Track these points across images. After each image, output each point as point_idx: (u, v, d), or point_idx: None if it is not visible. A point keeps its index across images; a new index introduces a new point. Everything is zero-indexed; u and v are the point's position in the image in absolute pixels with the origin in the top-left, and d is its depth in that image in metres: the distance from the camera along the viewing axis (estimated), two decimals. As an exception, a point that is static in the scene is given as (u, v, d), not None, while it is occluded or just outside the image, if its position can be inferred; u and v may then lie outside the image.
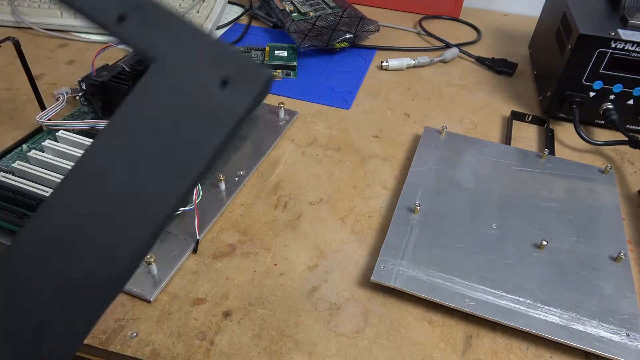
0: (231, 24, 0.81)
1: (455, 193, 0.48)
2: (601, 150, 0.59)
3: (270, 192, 0.50)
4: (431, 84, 0.70)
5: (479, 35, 0.82)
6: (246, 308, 0.39)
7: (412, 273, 0.40)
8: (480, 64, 0.75)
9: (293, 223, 0.47)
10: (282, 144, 0.57)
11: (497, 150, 0.54)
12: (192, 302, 0.39)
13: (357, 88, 0.68)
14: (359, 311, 0.39)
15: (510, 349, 0.37)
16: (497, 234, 0.44)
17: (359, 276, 0.42)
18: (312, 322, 0.39)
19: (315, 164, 0.54)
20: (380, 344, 0.37)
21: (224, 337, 0.37)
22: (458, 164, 0.52)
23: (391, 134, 0.59)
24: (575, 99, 0.59)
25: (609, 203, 0.48)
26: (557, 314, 0.38)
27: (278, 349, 0.37)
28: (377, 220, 0.48)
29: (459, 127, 0.61)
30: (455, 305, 0.38)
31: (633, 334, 0.37)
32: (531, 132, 0.61)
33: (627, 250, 0.43)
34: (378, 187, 0.51)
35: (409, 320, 0.39)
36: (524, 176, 0.51)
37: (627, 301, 0.39)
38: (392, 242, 0.43)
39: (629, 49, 0.54)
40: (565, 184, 0.50)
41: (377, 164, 0.55)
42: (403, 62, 0.72)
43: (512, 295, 0.39)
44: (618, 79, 0.57)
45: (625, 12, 0.59)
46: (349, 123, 0.61)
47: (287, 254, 0.44)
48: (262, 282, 0.41)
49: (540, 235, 0.44)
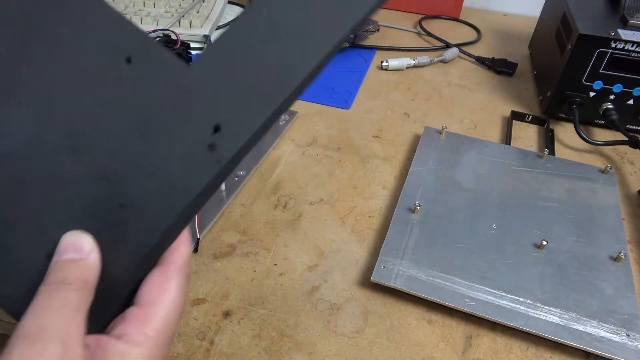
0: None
1: (455, 193, 0.48)
2: (601, 150, 0.59)
3: (270, 192, 0.50)
4: (431, 84, 0.70)
5: (479, 35, 0.83)
6: (246, 308, 0.39)
7: (412, 273, 0.40)
8: (480, 64, 0.75)
9: (293, 223, 0.47)
10: (282, 144, 0.57)
11: (497, 150, 0.54)
12: (192, 302, 0.39)
13: (357, 88, 0.68)
14: (359, 311, 0.39)
15: (510, 349, 0.37)
16: (497, 234, 0.44)
17: (359, 276, 0.42)
18: (312, 322, 0.39)
19: (315, 164, 0.54)
20: (380, 344, 0.37)
21: (224, 337, 0.37)
22: (458, 164, 0.52)
23: (391, 134, 0.59)
24: (575, 99, 0.59)
25: (609, 203, 0.48)
26: (557, 314, 0.38)
27: (278, 349, 0.37)
28: (377, 220, 0.48)
29: (459, 127, 0.61)
30: (455, 305, 0.38)
31: (633, 334, 0.37)
32: (531, 132, 0.61)
33: (627, 250, 0.43)
34: (378, 187, 0.51)
35: (409, 320, 0.39)
36: (524, 176, 0.51)
37: (627, 301, 0.39)
38: (392, 242, 0.43)
39: (629, 49, 0.54)
40: (565, 184, 0.50)
41: (377, 164, 0.55)
42: (403, 62, 0.72)
43: (512, 295, 0.39)
44: (618, 79, 0.57)
45: (625, 12, 0.59)
46: (349, 123, 0.61)
47: (287, 254, 0.44)
48: (262, 282, 0.41)
49: (540, 235, 0.44)
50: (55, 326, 0.19)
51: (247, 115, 0.22)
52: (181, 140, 0.22)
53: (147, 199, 0.22)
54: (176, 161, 0.22)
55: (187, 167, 0.22)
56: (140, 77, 0.24)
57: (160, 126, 0.23)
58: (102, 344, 0.20)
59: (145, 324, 0.21)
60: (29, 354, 0.18)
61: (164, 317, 0.21)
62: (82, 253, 0.21)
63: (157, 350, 0.21)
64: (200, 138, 0.22)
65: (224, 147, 0.22)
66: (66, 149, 0.23)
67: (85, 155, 0.23)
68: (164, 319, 0.21)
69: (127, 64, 0.24)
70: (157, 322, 0.21)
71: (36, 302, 0.20)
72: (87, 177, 0.23)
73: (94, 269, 0.21)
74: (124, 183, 0.23)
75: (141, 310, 0.21)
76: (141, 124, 0.23)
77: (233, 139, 0.22)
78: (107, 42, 0.24)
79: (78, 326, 0.20)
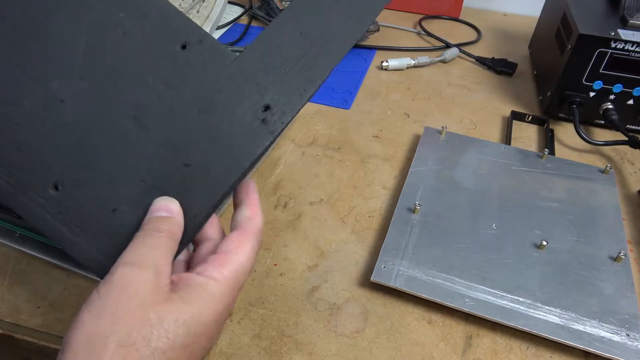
0: (231, 24, 0.81)
1: (455, 193, 0.48)
2: (601, 150, 0.59)
3: (270, 192, 0.50)
4: (431, 84, 0.70)
5: (479, 35, 0.82)
6: (246, 308, 0.39)
7: (412, 273, 0.40)
8: (480, 64, 0.75)
9: (293, 223, 0.47)
10: (282, 144, 0.57)
11: (497, 150, 0.54)
12: (192, 302, 0.39)
13: (357, 88, 0.68)
14: (359, 311, 0.39)
15: (510, 349, 0.37)
16: (497, 234, 0.44)
17: (359, 276, 0.42)
18: (312, 322, 0.39)
19: (315, 164, 0.54)
20: (380, 344, 0.37)
21: (224, 337, 0.37)
22: (458, 164, 0.52)
23: (391, 134, 0.59)
24: (575, 99, 0.59)
25: (609, 203, 0.48)
26: (557, 314, 0.38)
27: (278, 349, 0.37)
28: (377, 220, 0.48)
29: (459, 127, 0.61)
30: (455, 305, 0.38)
31: (633, 334, 0.37)
32: (531, 132, 0.61)
33: (627, 250, 0.43)
34: (378, 187, 0.51)
35: (409, 320, 0.39)
36: (524, 176, 0.51)
37: (627, 301, 0.39)
38: (392, 242, 0.43)
39: (629, 49, 0.54)
40: (565, 184, 0.50)
41: (377, 164, 0.55)
42: (403, 62, 0.72)
43: (512, 295, 0.39)
44: (618, 79, 0.57)
45: (625, 12, 0.59)
46: (349, 123, 0.61)
47: (287, 254, 0.44)
48: (262, 282, 0.41)
49: (540, 235, 0.44)
50: (151, 258, 0.24)
51: (291, 98, 0.28)
52: (238, 115, 0.27)
53: (210, 160, 0.27)
54: (236, 131, 0.27)
55: (247, 135, 0.27)
56: (195, 61, 0.28)
57: (218, 104, 0.28)
58: (185, 278, 0.24)
59: (223, 265, 0.25)
60: (129, 274, 0.23)
61: (238, 265, 0.25)
62: (171, 213, 0.26)
63: (228, 290, 0.25)
64: (255, 114, 0.27)
65: (274, 122, 0.27)
66: (131, 119, 0.27)
67: (149, 125, 0.27)
68: (238, 266, 0.25)
69: (183, 50, 0.28)
70: (232, 266, 0.25)
71: (135, 241, 0.25)
72: (152, 143, 0.27)
73: (180, 226, 0.26)
74: (187, 148, 0.27)
75: (220, 256, 0.25)
76: (200, 101, 0.28)
77: (281, 116, 0.27)
78: (164, 30, 0.28)
79: (167, 263, 0.24)
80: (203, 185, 0.27)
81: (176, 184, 0.27)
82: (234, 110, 0.27)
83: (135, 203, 0.26)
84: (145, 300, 0.22)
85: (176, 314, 0.22)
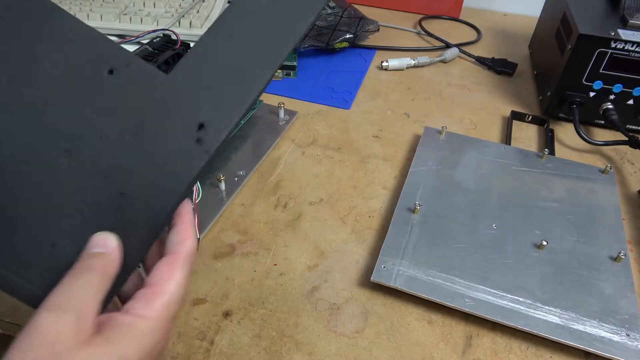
0: (231, 24, 0.81)
1: (455, 193, 0.48)
2: (601, 150, 0.59)
3: (270, 192, 0.50)
4: (431, 84, 0.70)
5: (479, 35, 0.83)
6: (246, 308, 0.39)
7: (412, 273, 0.40)
8: (480, 64, 0.75)
9: (293, 223, 0.47)
10: (282, 144, 0.57)
11: (497, 150, 0.54)
12: (192, 302, 0.39)
13: (357, 88, 0.68)
14: (359, 311, 0.39)
15: (510, 349, 0.37)
16: (497, 234, 0.44)
17: (359, 276, 0.42)
18: (312, 322, 0.39)
19: (315, 164, 0.54)
20: (380, 344, 0.37)
21: (224, 337, 0.37)
22: (458, 164, 0.52)
23: (391, 134, 0.59)
24: (575, 99, 0.59)
25: (609, 203, 0.48)
26: (557, 314, 0.38)
27: (278, 349, 0.37)
28: (377, 220, 0.48)
29: (459, 127, 0.61)
30: (455, 305, 0.38)
31: (633, 334, 0.37)
32: (531, 132, 0.61)
33: (627, 250, 0.43)
34: (378, 187, 0.51)
35: (409, 320, 0.39)
36: (523, 176, 0.51)
37: (627, 301, 0.39)
38: (392, 242, 0.43)
39: (629, 49, 0.54)
40: (565, 184, 0.50)
41: (377, 164, 0.55)
42: (403, 62, 0.72)
43: (512, 295, 0.39)
44: (618, 79, 0.57)
45: (625, 12, 0.59)
46: (349, 123, 0.61)
47: (287, 254, 0.44)
48: (262, 282, 0.41)
49: (540, 235, 0.44)
50: (75, 300, 0.23)
51: (225, 114, 0.26)
52: (172, 137, 0.26)
53: (145, 187, 0.26)
54: (170, 153, 0.26)
55: (181, 157, 0.26)
56: (124, 85, 0.27)
57: (149, 127, 0.26)
58: (112, 318, 0.23)
59: (152, 300, 0.24)
60: (48, 321, 0.22)
61: (169, 296, 0.24)
62: (107, 249, 0.25)
63: (159, 323, 0.24)
64: (189, 134, 0.26)
65: (209, 140, 0.26)
66: (62, 151, 0.26)
67: (81, 156, 0.26)
68: (169, 298, 0.24)
69: (110, 75, 0.27)
70: (163, 298, 0.24)
71: (63, 280, 0.24)
72: (85, 174, 0.26)
73: (114, 261, 0.25)
74: (121, 176, 0.26)
75: (149, 289, 0.24)
76: (131, 125, 0.26)
77: (216, 133, 0.26)
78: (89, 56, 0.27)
79: (94, 304, 0.23)
80: (141, 214, 0.25)
81: (114, 214, 0.26)
82: (167, 132, 0.26)
83: (75, 236, 0.25)
84: (64, 347, 0.21)
85: (97, 357, 0.21)
